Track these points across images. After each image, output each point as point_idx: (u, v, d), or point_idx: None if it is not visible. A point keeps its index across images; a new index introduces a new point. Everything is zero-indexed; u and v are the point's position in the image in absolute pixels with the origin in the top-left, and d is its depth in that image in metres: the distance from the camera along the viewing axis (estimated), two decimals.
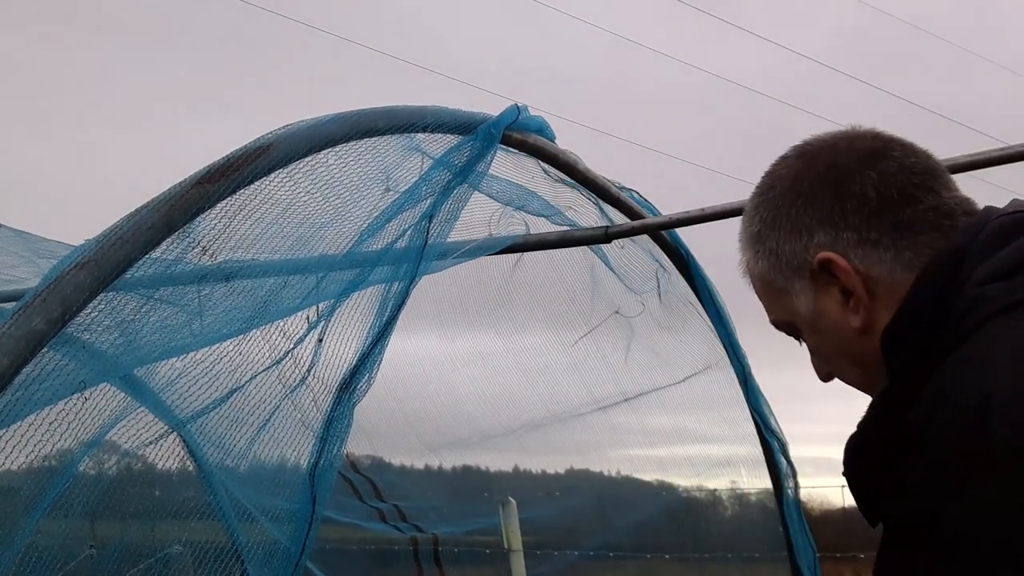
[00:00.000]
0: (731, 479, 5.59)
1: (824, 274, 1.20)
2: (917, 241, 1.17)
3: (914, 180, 1.20)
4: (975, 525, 0.94)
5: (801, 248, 1.22)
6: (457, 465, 4.64)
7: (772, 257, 1.26)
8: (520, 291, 2.62)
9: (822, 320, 1.24)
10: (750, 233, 1.30)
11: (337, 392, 2.01)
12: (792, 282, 1.25)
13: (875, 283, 1.18)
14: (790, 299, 1.27)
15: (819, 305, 1.23)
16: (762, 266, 1.28)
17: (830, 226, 1.21)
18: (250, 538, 2.50)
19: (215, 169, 1.41)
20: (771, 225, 1.26)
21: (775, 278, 1.27)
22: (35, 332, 1.27)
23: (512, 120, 1.81)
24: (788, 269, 1.25)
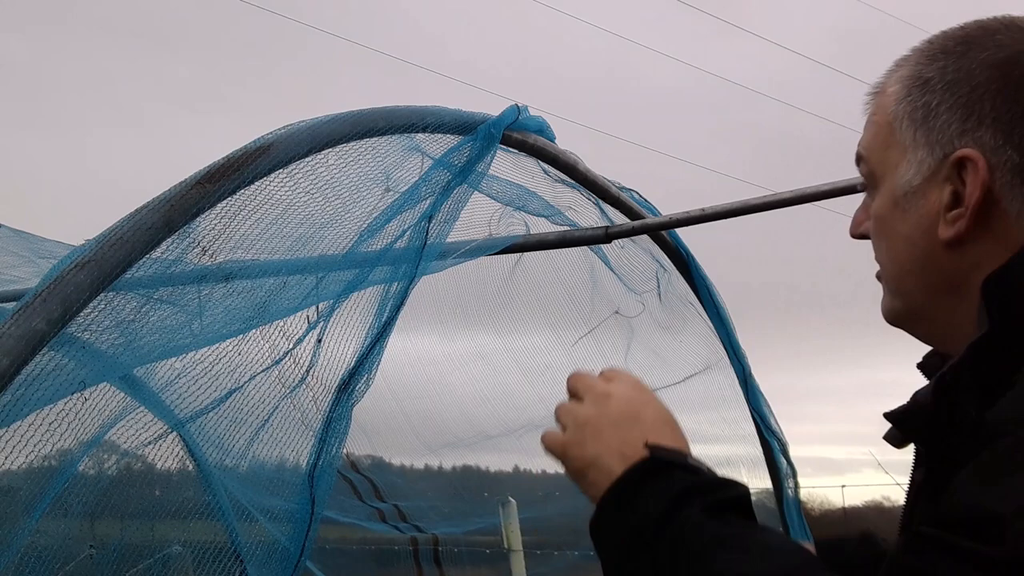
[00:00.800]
0: None
1: (954, 167, 1.08)
2: None
3: None
4: None
5: (958, 130, 1.08)
6: (457, 465, 4.64)
7: (923, 110, 1.12)
8: (520, 291, 2.62)
9: (915, 201, 1.12)
10: (919, 73, 1.14)
11: (336, 392, 2.02)
12: (918, 148, 1.12)
13: (999, 213, 1.07)
14: (900, 157, 1.14)
15: (925, 188, 1.11)
16: (902, 110, 1.14)
17: (1002, 132, 1.07)
18: (250, 538, 2.50)
19: (215, 169, 1.41)
20: (950, 83, 1.10)
21: (907, 129, 1.13)
22: (35, 332, 1.27)
23: (512, 120, 1.81)
24: (926, 134, 1.11)
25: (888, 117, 1.16)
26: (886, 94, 1.18)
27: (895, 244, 1.16)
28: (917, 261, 1.13)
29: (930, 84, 1.12)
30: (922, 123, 1.12)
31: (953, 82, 1.10)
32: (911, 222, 1.13)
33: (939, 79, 1.12)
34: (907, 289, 1.16)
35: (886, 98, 1.18)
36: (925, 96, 1.12)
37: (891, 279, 1.18)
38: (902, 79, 1.16)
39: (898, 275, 1.17)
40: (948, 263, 1.10)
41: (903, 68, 1.17)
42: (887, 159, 1.16)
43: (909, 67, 1.16)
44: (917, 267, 1.13)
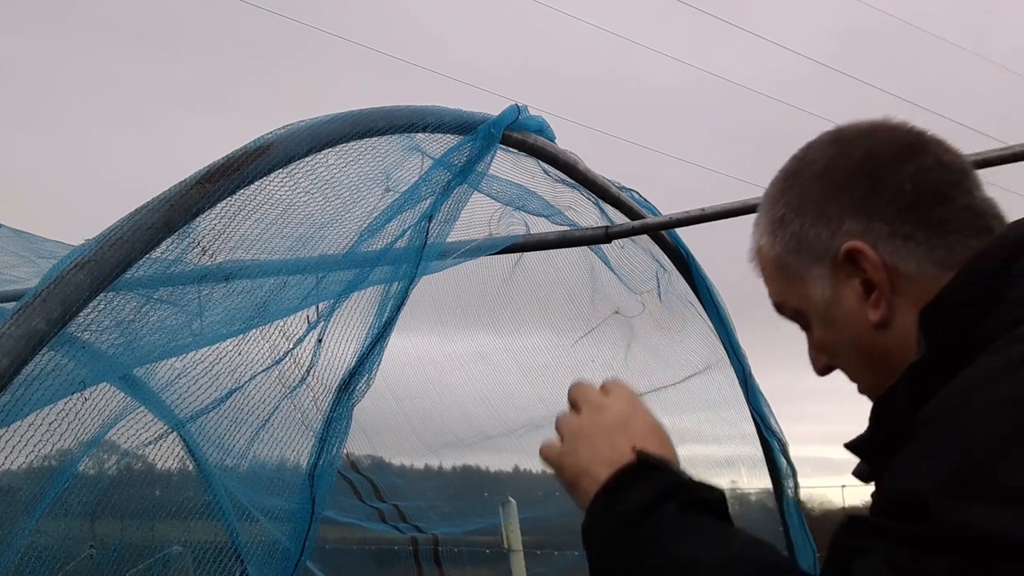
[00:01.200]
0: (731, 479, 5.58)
1: (848, 264, 1.18)
2: (949, 240, 1.16)
3: (950, 178, 1.19)
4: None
5: (828, 235, 1.20)
6: (457, 465, 4.63)
7: (793, 241, 1.23)
8: (520, 291, 2.62)
9: (837, 310, 1.22)
10: (771, 217, 1.27)
11: (336, 392, 2.02)
12: (811, 268, 1.22)
13: (901, 278, 1.17)
14: (805, 286, 1.24)
15: (836, 294, 1.21)
16: (780, 250, 1.25)
17: (862, 215, 1.18)
18: (250, 538, 2.50)
19: (215, 169, 1.41)
20: (797, 210, 1.23)
21: (792, 262, 1.24)
22: (35, 332, 1.27)
23: (512, 120, 1.81)
24: (809, 255, 1.22)
25: (777, 265, 1.28)
26: (761, 251, 1.30)
27: (848, 355, 1.25)
28: (870, 356, 1.22)
29: (784, 220, 1.25)
30: (800, 249, 1.23)
31: (800, 207, 1.23)
32: (845, 328, 1.22)
33: (788, 211, 1.24)
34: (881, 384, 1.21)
35: (762, 252, 1.30)
36: (788, 230, 1.24)
37: (865, 385, 1.27)
38: (763, 231, 1.29)
39: (867, 377, 1.25)
40: (891, 343, 1.19)
41: (759, 224, 1.31)
42: (799, 294, 1.26)
43: (763, 219, 1.29)
44: (874, 361, 1.22)
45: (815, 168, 1.24)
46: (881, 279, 1.17)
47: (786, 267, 1.25)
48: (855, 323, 1.20)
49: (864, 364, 1.24)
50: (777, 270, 1.27)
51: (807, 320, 1.27)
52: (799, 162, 1.27)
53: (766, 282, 1.32)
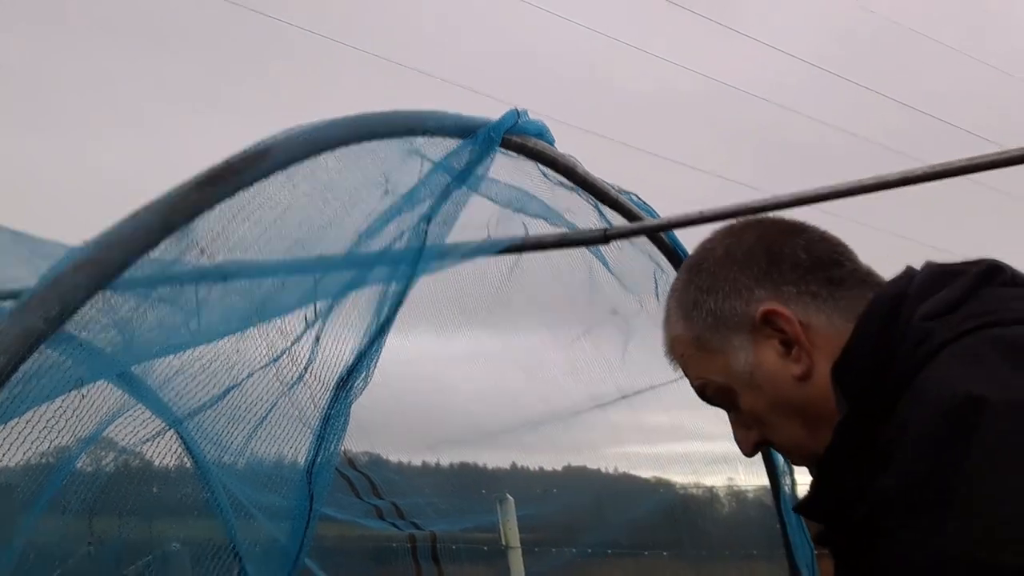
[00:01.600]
0: (728, 476, 5.58)
1: (765, 327, 1.28)
2: (850, 293, 1.28)
3: (836, 248, 1.33)
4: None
5: (742, 305, 1.30)
6: (455, 462, 4.65)
7: (710, 318, 1.32)
8: (518, 291, 2.62)
9: (760, 372, 1.29)
10: (683, 302, 1.36)
11: (334, 390, 2.02)
12: (730, 339, 1.31)
13: (814, 332, 1.26)
14: (726, 358, 1.32)
15: (758, 358, 1.29)
16: (698, 329, 1.34)
17: (769, 283, 1.30)
18: (248, 536, 2.50)
19: (215, 172, 1.41)
20: (708, 290, 1.33)
21: (711, 338, 1.32)
22: (33, 330, 1.27)
23: (512, 124, 1.81)
24: (727, 327, 1.31)
25: (696, 345, 1.35)
26: (679, 340, 1.38)
27: (778, 415, 1.32)
28: (799, 410, 1.29)
29: (699, 303, 1.34)
30: (718, 324, 1.32)
31: (710, 287, 1.33)
32: (771, 388, 1.30)
33: (700, 294, 1.34)
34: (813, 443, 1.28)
35: (680, 340, 1.38)
36: (703, 309, 1.33)
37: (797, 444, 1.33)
38: (676, 319, 1.37)
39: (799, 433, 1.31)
40: (814, 393, 1.26)
41: (670, 316, 1.39)
42: (721, 368, 1.33)
43: (674, 310, 1.38)
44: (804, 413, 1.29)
45: (716, 254, 1.36)
46: (798, 332, 1.26)
47: (706, 344, 1.33)
48: (780, 380, 1.28)
49: (794, 419, 1.30)
50: (697, 350, 1.35)
51: (732, 395, 1.34)
52: (699, 254, 1.39)
53: (687, 368, 1.40)
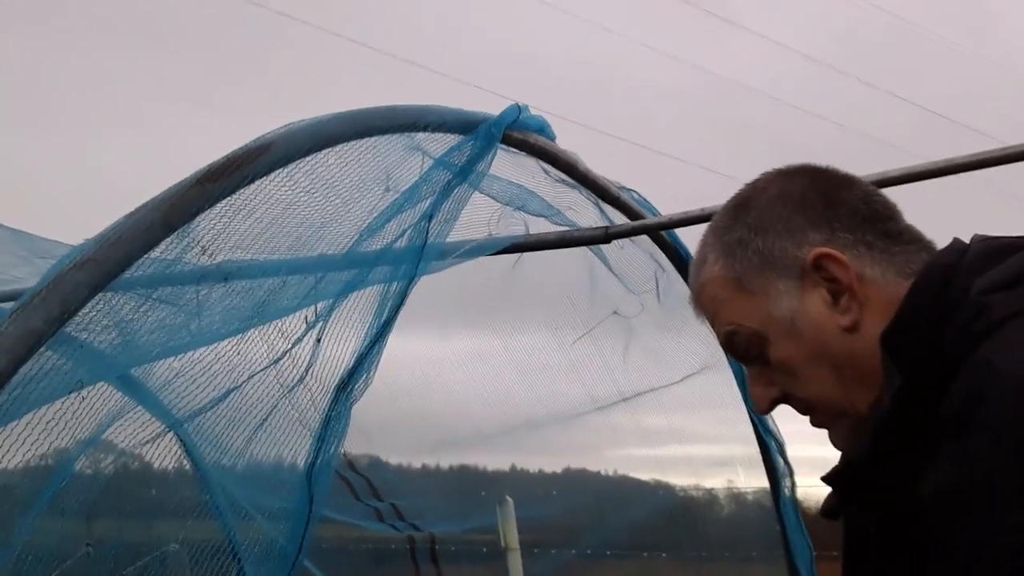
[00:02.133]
0: (728, 478, 5.58)
1: (815, 272, 1.23)
2: (906, 249, 1.24)
3: (889, 203, 1.29)
4: None
5: (793, 247, 1.24)
6: (454, 464, 4.64)
7: (756, 257, 1.26)
8: (519, 291, 2.62)
9: (804, 319, 1.24)
10: (727, 242, 1.30)
11: (335, 392, 2.01)
12: (775, 283, 1.25)
13: (866, 283, 1.22)
14: (768, 302, 1.26)
15: (803, 305, 1.24)
16: (740, 269, 1.28)
17: (824, 227, 1.24)
18: (247, 537, 2.50)
19: (215, 168, 1.40)
20: (757, 229, 1.27)
21: (754, 279, 1.27)
22: (33, 331, 1.26)
23: (513, 120, 1.80)
24: (773, 269, 1.25)
25: (731, 287, 1.29)
26: (714, 281, 1.32)
27: (813, 369, 1.27)
28: (839, 364, 1.24)
29: (744, 241, 1.28)
30: (764, 264, 1.26)
31: (760, 226, 1.27)
32: (813, 337, 1.24)
33: (747, 232, 1.28)
34: (846, 397, 1.25)
35: (716, 282, 1.31)
36: (749, 248, 1.27)
37: (834, 406, 1.27)
38: (716, 258, 1.31)
39: (831, 393, 1.26)
40: (860, 347, 1.21)
41: (708, 254, 1.33)
42: (757, 312, 1.28)
43: (714, 247, 1.32)
44: (843, 368, 1.24)
45: (768, 194, 1.30)
46: (852, 281, 1.21)
47: (747, 285, 1.28)
48: (825, 330, 1.23)
49: (830, 373, 1.25)
50: (735, 292, 1.29)
51: (763, 344, 1.28)
52: (747, 193, 1.33)
53: (718, 313, 1.33)
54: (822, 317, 1.23)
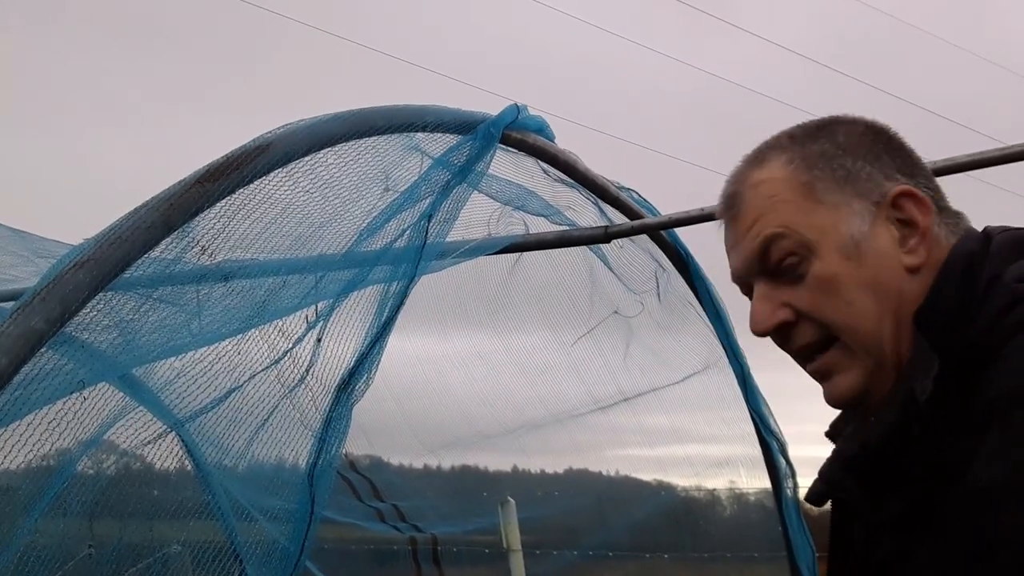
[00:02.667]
0: (730, 479, 5.58)
1: (893, 210, 1.23)
2: (954, 215, 1.27)
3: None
4: None
5: (880, 177, 1.24)
6: (456, 465, 4.64)
7: (841, 171, 1.24)
8: (519, 291, 2.62)
9: (871, 246, 1.22)
10: (808, 149, 1.26)
11: (336, 392, 2.01)
12: (852, 202, 1.23)
13: (929, 239, 1.23)
14: (837, 217, 1.23)
15: (873, 233, 1.23)
16: (818, 177, 1.25)
17: (908, 175, 1.26)
18: (248, 538, 2.49)
19: (214, 168, 1.40)
20: (846, 150, 1.26)
21: (831, 191, 1.24)
22: (34, 331, 1.27)
23: (512, 120, 1.80)
24: (854, 189, 1.24)
25: (798, 191, 1.25)
26: (778, 181, 1.26)
27: (861, 294, 1.23)
28: (890, 298, 1.21)
29: (830, 155, 1.25)
30: (846, 181, 1.24)
31: (849, 148, 1.26)
32: (873, 266, 1.22)
33: (836, 149, 1.26)
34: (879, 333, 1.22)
35: (779, 180, 1.27)
36: (835, 163, 1.25)
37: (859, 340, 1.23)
38: (789, 160, 1.27)
39: (867, 329, 1.22)
40: (911, 290, 1.20)
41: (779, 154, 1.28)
42: (820, 223, 1.24)
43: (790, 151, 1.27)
44: (891, 304, 1.21)
45: (858, 127, 1.29)
46: (929, 225, 1.22)
47: (819, 194, 1.24)
48: (886, 262, 1.22)
49: (875, 306, 1.21)
50: (801, 198, 1.25)
51: (806, 257, 1.23)
52: (835, 120, 1.31)
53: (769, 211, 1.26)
54: (888, 251, 1.23)
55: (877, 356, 1.22)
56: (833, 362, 1.26)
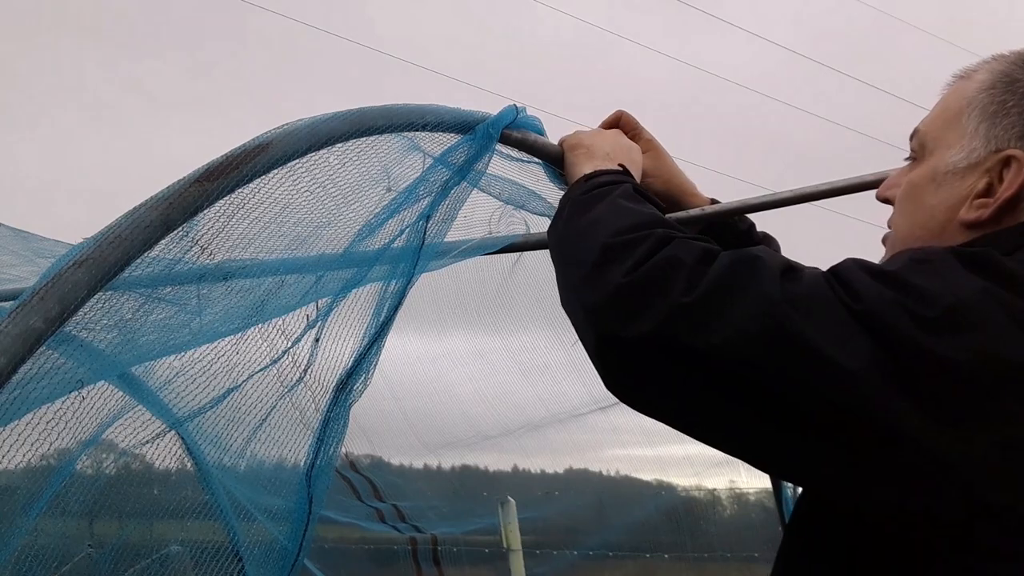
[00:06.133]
0: (730, 479, 5.59)
1: (997, 164, 1.22)
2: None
3: None
4: None
5: (1018, 132, 1.22)
6: (456, 465, 4.64)
7: (996, 106, 1.24)
8: (520, 290, 2.62)
9: (949, 181, 1.26)
10: (1008, 71, 1.26)
11: (333, 393, 2.01)
12: (975, 138, 1.25)
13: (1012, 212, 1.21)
14: (955, 138, 1.27)
15: (964, 171, 1.24)
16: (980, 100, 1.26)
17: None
18: (248, 537, 2.50)
19: (213, 167, 1.40)
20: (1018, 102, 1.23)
21: (971, 117, 1.26)
22: (33, 330, 1.26)
23: (511, 120, 1.80)
24: (987, 127, 1.24)
25: (962, 103, 1.28)
26: (972, 80, 1.29)
27: (918, 210, 1.29)
28: (932, 231, 1.26)
29: (1015, 86, 1.24)
30: (990, 117, 1.24)
31: (1018, 102, 1.23)
32: (941, 196, 1.26)
33: (1013, 97, 1.23)
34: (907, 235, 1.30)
35: (969, 84, 1.29)
36: (1005, 94, 1.24)
37: (901, 239, 1.31)
38: (993, 71, 1.27)
39: (907, 237, 1.30)
40: (955, 240, 1.22)
41: (997, 63, 1.29)
42: (943, 138, 1.29)
43: (1003, 64, 1.28)
44: (930, 236, 1.26)
45: None
46: (1005, 197, 1.20)
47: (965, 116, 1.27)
48: (950, 202, 1.25)
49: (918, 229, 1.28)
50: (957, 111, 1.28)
51: (922, 159, 1.31)
52: None
53: (937, 104, 1.33)
54: (962, 195, 1.24)
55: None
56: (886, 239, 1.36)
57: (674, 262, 1.15)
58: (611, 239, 1.24)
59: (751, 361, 1.05)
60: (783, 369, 1.03)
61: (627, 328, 1.15)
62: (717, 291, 1.09)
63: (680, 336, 1.09)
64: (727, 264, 1.12)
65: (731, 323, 1.06)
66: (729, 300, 1.08)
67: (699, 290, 1.10)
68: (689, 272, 1.13)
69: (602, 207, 1.37)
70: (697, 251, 1.16)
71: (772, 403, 1.05)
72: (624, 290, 1.16)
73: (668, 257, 1.16)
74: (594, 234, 1.28)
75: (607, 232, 1.26)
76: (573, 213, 1.41)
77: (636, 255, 1.18)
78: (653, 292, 1.13)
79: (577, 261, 1.30)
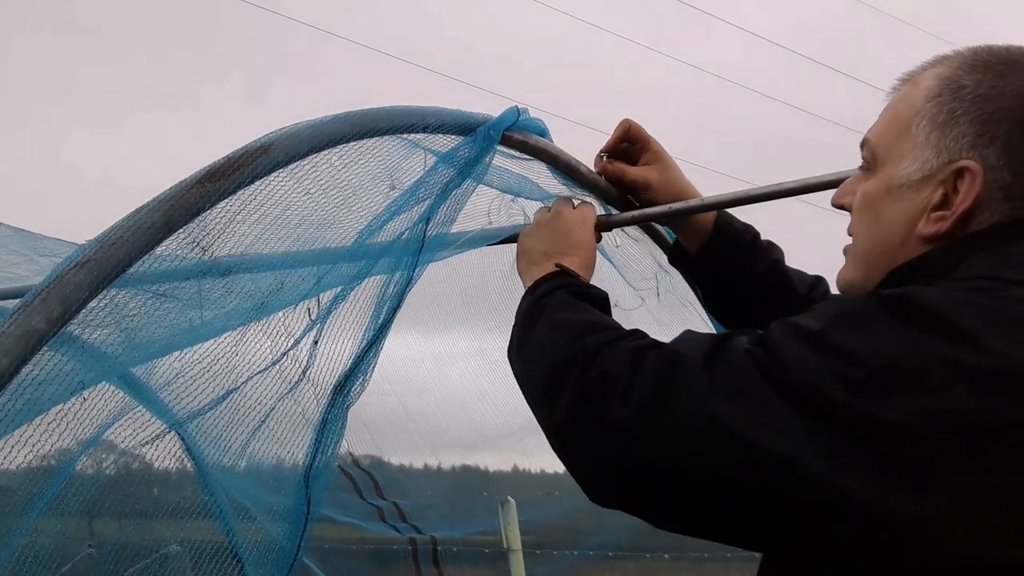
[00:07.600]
0: None
1: (951, 175, 1.18)
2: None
3: None
4: None
5: (969, 141, 1.17)
6: (456, 465, 4.64)
7: (945, 115, 1.20)
8: (519, 287, 2.62)
9: (905, 193, 1.23)
10: (955, 76, 1.21)
11: (331, 394, 2.01)
12: (927, 147, 1.21)
13: (970, 223, 1.18)
14: (906, 149, 1.23)
15: (919, 183, 1.21)
16: (928, 109, 1.22)
17: (1006, 155, 1.16)
18: (247, 537, 2.50)
19: (215, 168, 1.40)
20: (977, 98, 1.18)
21: (921, 127, 1.22)
22: (35, 331, 1.27)
23: (512, 122, 1.80)
24: (938, 137, 1.20)
25: (911, 112, 1.24)
26: (918, 86, 1.25)
27: (876, 224, 1.28)
28: (891, 244, 1.25)
29: (962, 92, 1.19)
30: (940, 127, 1.20)
31: (983, 97, 1.18)
32: (898, 209, 1.24)
33: (972, 90, 1.19)
34: (871, 264, 1.28)
35: (917, 91, 1.25)
36: (953, 102, 1.20)
37: (861, 253, 1.31)
38: (938, 77, 1.23)
39: (868, 251, 1.29)
40: (915, 253, 1.22)
41: (942, 67, 1.25)
42: (895, 149, 1.26)
43: (949, 68, 1.23)
44: (889, 249, 1.25)
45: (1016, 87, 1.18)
46: (962, 209, 1.17)
47: (914, 125, 1.23)
48: (908, 215, 1.23)
49: (878, 243, 1.27)
50: (906, 120, 1.25)
51: (875, 170, 1.29)
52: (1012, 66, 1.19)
53: (884, 112, 1.30)
54: (919, 207, 1.22)
55: (865, 278, 1.29)
56: (847, 251, 1.36)
57: (606, 378, 1.21)
58: (551, 369, 1.32)
59: (700, 462, 1.08)
60: (730, 465, 1.06)
61: (587, 450, 1.23)
62: (649, 400, 1.14)
63: (631, 451, 1.14)
64: (652, 369, 1.17)
65: (670, 428, 1.10)
66: (663, 406, 1.12)
67: (633, 403, 1.15)
68: (622, 386, 1.18)
69: (540, 327, 1.46)
70: (626, 359, 1.21)
71: (733, 499, 1.07)
72: (571, 419, 1.25)
73: (600, 374, 1.22)
74: (538, 363, 1.38)
75: (547, 360, 1.35)
76: (522, 340, 1.50)
77: (572, 381, 1.26)
78: (596, 415, 1.20)
79: (531, 393, 1.40)
